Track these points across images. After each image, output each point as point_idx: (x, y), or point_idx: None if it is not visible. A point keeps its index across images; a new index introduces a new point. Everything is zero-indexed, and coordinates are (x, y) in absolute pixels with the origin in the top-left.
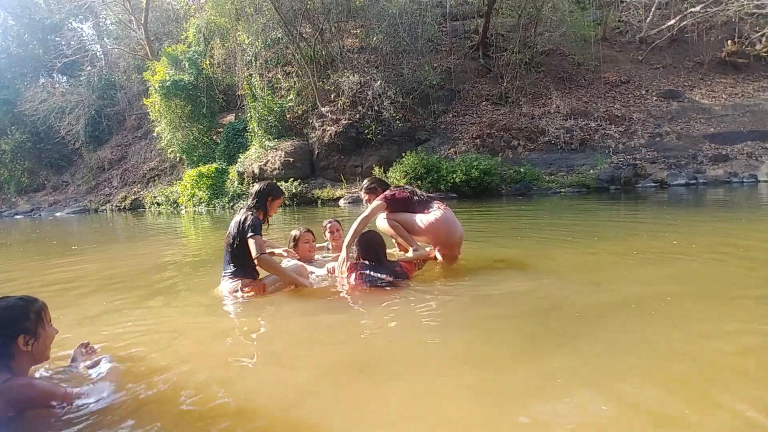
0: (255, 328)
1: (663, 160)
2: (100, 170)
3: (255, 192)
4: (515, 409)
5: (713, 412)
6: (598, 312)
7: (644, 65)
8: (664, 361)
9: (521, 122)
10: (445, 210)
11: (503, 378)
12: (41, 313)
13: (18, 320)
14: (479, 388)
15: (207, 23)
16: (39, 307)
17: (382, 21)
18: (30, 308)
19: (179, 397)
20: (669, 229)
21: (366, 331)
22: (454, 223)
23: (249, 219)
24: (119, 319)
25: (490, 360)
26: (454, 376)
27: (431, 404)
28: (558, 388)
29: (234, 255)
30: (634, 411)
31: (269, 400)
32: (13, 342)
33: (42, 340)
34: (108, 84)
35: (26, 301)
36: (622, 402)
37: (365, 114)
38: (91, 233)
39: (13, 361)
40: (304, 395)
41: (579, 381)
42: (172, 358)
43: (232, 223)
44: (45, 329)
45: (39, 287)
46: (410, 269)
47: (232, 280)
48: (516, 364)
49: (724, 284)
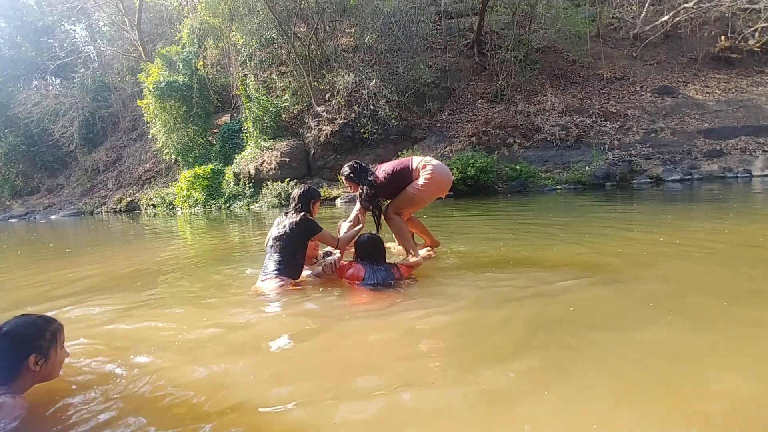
0: (255, 328)
1: (658, 156)
2: (95, 173)
3: (298, 196)
4: (515, 408)
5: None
6: (601, 311)
7: (638, 61)
8: (666, 360)
9: (517, 120)
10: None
11: (502, 377)
12: (57, 334)
13: (34, 338)
14: (477, 387)
15: (200, 24)
16: (55, 328)
17: (376, 20)
18: (47, 328)
19: (177, 398)
20: (666, 224)
21: (364, 332)
22: (444, 167)
23: (305, 221)
24: (118, 320)
25: (487, 360)
26: (453, 377)
27: (432, 403)
28: (556, 387)
29: (283, 255)
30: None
31: (269, 401)
32: (24, 360)
33: (51, 362)
34: (102, 86)
35: (45, 321)
36: (623, 400)
37: (361, 113)
38: (87, 236)
39: (18, 378)
40: (305, 396)
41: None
42: (171, 359)
43: (281, 225)
44: (56, 351)
45: (38, 289)
46: (407, 271)
47: (279, 280)
48: (513, 363)
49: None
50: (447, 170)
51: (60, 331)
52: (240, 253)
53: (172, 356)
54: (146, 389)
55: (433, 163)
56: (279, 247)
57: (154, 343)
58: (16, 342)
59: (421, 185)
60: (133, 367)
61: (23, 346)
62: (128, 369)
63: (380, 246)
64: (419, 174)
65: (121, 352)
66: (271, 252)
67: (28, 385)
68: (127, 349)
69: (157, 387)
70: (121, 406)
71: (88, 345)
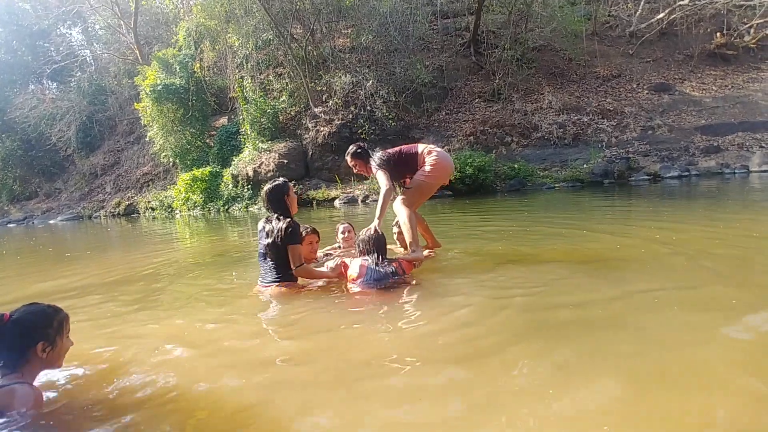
0: (256, 329)
1: (655, 153)
2: (92, 176)
3: (267, 198)
4: (520, 409)
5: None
6: (602, 310)
7: (635, 59)
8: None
9: (514, 118)
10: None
11: (501, 375)
12: (63, 323)
13: (43, 326)
14: (475, 386)
15: (197, 26)
16: (62, 317)
17: (372, 20)
18: (55, 317)
19: (178, 398)
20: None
21: (366, 331)
22: (446, 153)
23: (290, 227)
24: (117, 322)
25: (489, 356)
26: (451, 374)
27: (432, 403)
28: (560, 381)
29: (278, 263)
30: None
31: (271, 402)
32: (33, 346)
33: (57, 350)
34: (98, 89)
35: (53, 309)
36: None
37: (358, 114)
38: (86, 240)
39: (27, 365)
40: (304, 397)
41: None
42: (170, 361)
43: (267, 232)
44: (63, 340)
45: (37, 290)
46: (409, 267)
47: (279, 286)
48: (517, 361)
49: None
50: (449, 157)
51: (66, 320)
52: (240, 254)
53: (173, 356)
54: (147, 389)
55: (437, 149)
56: (273, 255)
57: (154, 343)
58: (26, 329)
59: (429, 171)
60: (133, 369)
61: (32, 333)
62: (128, 371)
63: (382, 241)
64: (424, 159)
65: (120, 353)
66: (266, 261)
67: (36, 372)
68: (127, 350)
69: (158, 386)
70: (121, 407)
71: (87, 346)
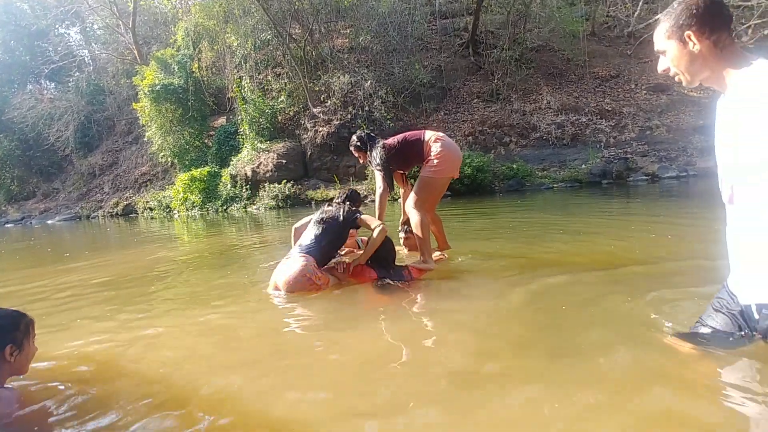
0: (259, 330)
1: (654, 153)
2: (91, 176)
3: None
4: (526, 411)
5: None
6: (603, 308)
7: (633, 59)
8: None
9: (513, 119)
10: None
11: (498, 400)
12: (29, 327)
13: (9, 330)
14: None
15: (195, 26)
16: (28, 321)
17: (371, 20)
18: (21, 320)
19: (177, 399)
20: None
21: (366, 331)
22: (453, 142)
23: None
24: (115, 320)
25: (493, 356)
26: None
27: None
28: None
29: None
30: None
31: (271, 402)
32: (1, 350)
33: (24, 354)
34: (97, 89)
35: (18, 314)
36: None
37: (357, 114)
38: (84, 240)
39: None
40: (304, 399)
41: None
42: (169, 362)
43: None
44: (29, 344)
45: (34, 294)
46: (417, 273)
47: (303, 259)
48: (526, 364)
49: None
50: (456, 145)
51: (32, 324)
52: (239, 254)
53: (172, 358)
54: (145, 388)
55: (444, 137)
56: (323, 228)
57: (153, 344)
58: None
59: (436, 165)
60: (133, 369)
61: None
62: (127, 372)
63: (390, 247)
64: (430, 148)
65: (120, 354)
66: (311, 231)
67: (5, 377)
68: (126, 351)
69: (158, 387)
70: (120, 407)
71: (86, 347)
